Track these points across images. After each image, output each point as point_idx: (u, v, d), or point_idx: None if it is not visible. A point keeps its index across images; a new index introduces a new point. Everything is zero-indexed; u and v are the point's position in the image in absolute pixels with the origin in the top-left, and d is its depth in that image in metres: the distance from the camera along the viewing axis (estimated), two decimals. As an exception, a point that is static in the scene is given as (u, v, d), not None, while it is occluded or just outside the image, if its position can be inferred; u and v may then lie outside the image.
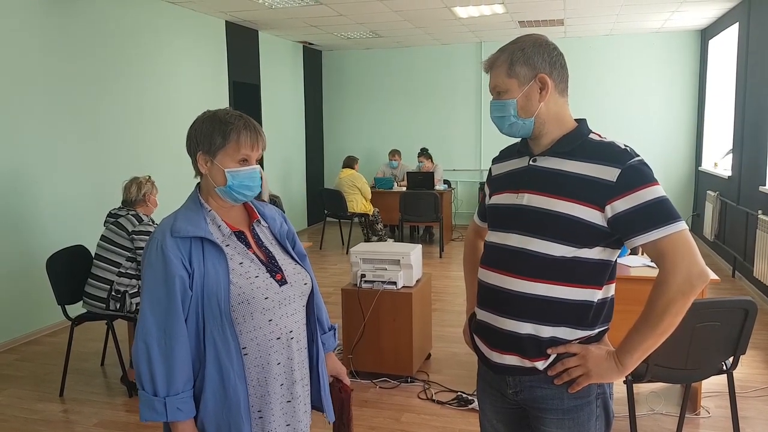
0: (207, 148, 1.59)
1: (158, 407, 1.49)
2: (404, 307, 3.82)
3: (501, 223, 1.62)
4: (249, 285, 1.57)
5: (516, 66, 1.53)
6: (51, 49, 5.03)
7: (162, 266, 1.52)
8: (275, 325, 1.60)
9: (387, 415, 3.47)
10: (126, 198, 3.84)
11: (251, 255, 1.63)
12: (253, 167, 1.63)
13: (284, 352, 1.63)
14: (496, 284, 1.59)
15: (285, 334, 1.62)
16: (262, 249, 1.69)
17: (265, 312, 1.58)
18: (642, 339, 1.46)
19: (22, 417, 3.55)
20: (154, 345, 1.50)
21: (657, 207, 1.43)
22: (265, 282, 1.60)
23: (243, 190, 1.62)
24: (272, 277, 1.63)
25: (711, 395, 3.55)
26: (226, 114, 1.62)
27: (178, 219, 1.58)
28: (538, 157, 1.58)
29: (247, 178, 1.61)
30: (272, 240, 1.74)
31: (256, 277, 1.60)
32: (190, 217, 1.59)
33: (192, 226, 1.56)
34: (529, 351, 1.54)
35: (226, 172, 1.59)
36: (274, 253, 1.69)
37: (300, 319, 1.69)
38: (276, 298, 1.61)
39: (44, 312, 4.91)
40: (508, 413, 1.71)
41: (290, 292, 1.65)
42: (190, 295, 1.53)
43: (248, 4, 6.59)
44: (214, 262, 1.55)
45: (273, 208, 1.84)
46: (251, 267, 1.61)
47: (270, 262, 1.66)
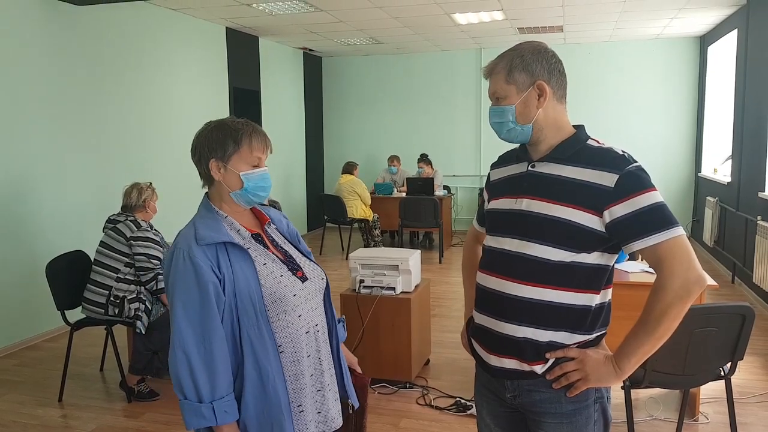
0: (221, 155, 1.63)
1: (206, 413, 1.52)
2: (403, 312, 3.82)
3: (500, 228, 1.63)
4: (277, 284, 1.63)
5: (515, 72, 1.54)
6: (53, 56, 5.06)
7: (193, 274, 1.55)
8: (304, 320, 1.67)
9: (386, 421, 3.47)
10: (126, 203, 3.85)
11: (272, 255, 1.69)
12: (264, 169, 1.69)
13: (313, 345, 1.70)
14: (494, 288, 1.59)
15: (312, 327, 1.70)
16: (279, 249, 1.74)
17: (295, 308, 1.65)
18: (640, 344, 1.47)
19: (21, 422, 3.55)
20: (193, 352, 1.52)
21: (655, 212, 1.44)
22: (290, 280, 1.67)
23: (258, 192, 1.67)
24: (294, 275, 1.69)
25: (709, 401, 3.55)
26: (232, 121, 1.67)
27: (199, 227, 1.61)
28: (537, 162, 1.59)
29: (260, 179, 1.67)
30: (284, 240, 1.81)
31: (281, 276, 1.66)
32: (209, 224, 1.63)
33: (215, 233, 1.60)
34: (528, 355, 1.55)
35: (242, 176, 1.64)
36: (290, 253, 1.76)
37: (321, 312, 1.77)
38: (302, 294, 1.67)
39: (44, 317, 4.92)
40: (506, 417, 1.71)
41: (312, 288, 1.72)
42: (223, 300, 1.57)
43: (249, 10, 6.62)
44: (241, 265, 1.60)
45: (276, 210, 1.89)
46: (275, 267, 1.66)
47: (289, 261, 1.72)
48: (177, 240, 1.63)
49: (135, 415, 3.59)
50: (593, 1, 6.38)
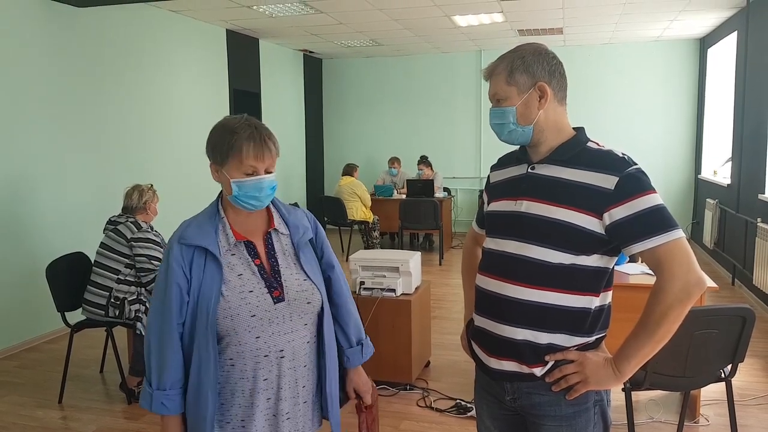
0: (216, 158, 1.61)
1: (147, 398, 1.60)
2: (403, 314, 3.82)
3: (499, 230, 1.63)
4: (239, 300, 1.58)
5: (516, 74, 1.54)
6: (53, 57, 5.06)
7: (164, 272, 1.60)
8: (263, 342, 1.59)
9: (386, 423, 3.47)
10: (126, 204, 3.85)
11: (254, 267, 1.62)
12: (260, 178, 1.59)
13: (273, 370, 1.61)
14: (493, 290, 1.59)
15: (274, 353, 1.60)
16: (271, 260, 1.66)
17: (251, 329, 1.58)
18: (640, 346, 1.47)
19: (21, 424, 3.55)
20: (153, 341, 1.60)
21: (654, 215, 1.44)
22: (257, 298, 1.59)
23: (249, 200, 1.60)
24: (269, 292, 1.61)
25: (710, 403, 3.55)
26: (236, 123, 1.60)
27: (191, 225, 1.63)
28: (537, 164, 1.59)
29: (253, 188, 1.59)
30: (288, 250, 1.70)
31: (250, 291, 1.59)
32: (202, 224, 1.63)
33: (199, 235, 1.60)
34: (527, 357, 1.55)
35: (232, 183, 1.59)
36: (281, 266, 1.66)
37: (298, 338, 1.65)
38: (266, 316, 1.59)
39: (43, 319, 4.92)
40: (506, 419, 1.71)
41: (285, 311, 1.62)
42: (186, 300, 1.58)
43: (249, 12, 6.62)
44: (212, 273, 1.58)
45: (303, 214, 1.80)
46: (249, 280, 1.61)
47: (273, 276, 1.63)
48: (174, 231, 1.67)
49: (135, 417, 3.59)
50: (593, 3, 6.39)
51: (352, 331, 1.85)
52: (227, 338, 1.58)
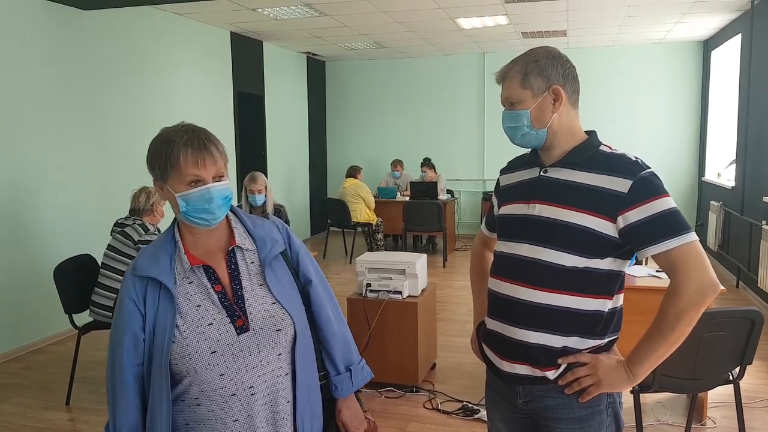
0: (157, 173, 1.45)
1: None
2: (410, 316, 3.83)
3: (512, 233, 1.63)
4: (197, 335, 1.41)
5: (530, 77, 1.54)
6: (57, 60, 5.08)
7: (117, 309, 1.46)
8: (229, 380, 1.41)
9: (393, 425, 3.47)
10: (134, 206, 3.86)
11: (213, 295, 1.45)
12: (206, 187, 1.41)
13: (243, 409, 1.43)
14: (507, 294, 1.60)
15: (242, 390, 1.42)
16: (234, 283, 1.47)
17: (213, 367, 1.40)
18: (653, 349, 1.47)
19: (29, 426, 3.55)
20: (108, 385, 1.46)
21: (668, 218, 1.45)
22: (218, 331, 1.42)
23: (200, 214, 1.43)
24: (232, 322, 1.43)
25: (717, 405, 3.55)
26: (172, 131, 1.46)
27: (144, 254, 1.48)
28: (550, 168, 1.60)
29: (200, 200, 1.41)
30: (254, 269, 1.51)
31: (209, 324, 1.42)
32: (156, 251, 1.48)
33: (152, 264, 1.44)
34: (540, 360, 1.55)
35: (178, 197, 1.42)
36: (245, 290, 1.47)
37: (270, 371, 1.45)
38: (228, 350, 1.41)
39: (48, 321, 4.93)
40: (518, 423, 1.71)
41: (251, 342, 1.43)
42: (142, 338, 1.43)
43: (253, 15, 6.64)
44: (165, 307, 1.42)
45: (272, 225, 1.61)
46: (208, 311, 1.43)
47: (236, 303, 1.45)
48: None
49: (142, 419, 3.60)
50: (597, 6, 6.40)
51: (338, 355, 1.62)
52: (188, 378, 1.41)
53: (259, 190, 4.65)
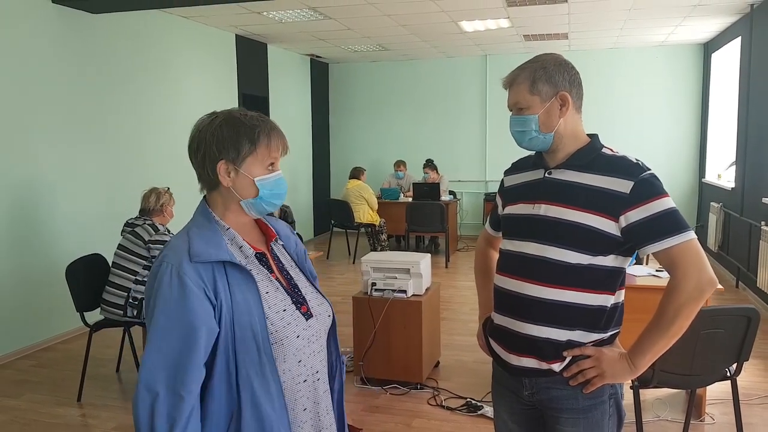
0: (233, 156, 1.36)
1: None
2: (414, 315, 3.90)
3: (517, 232, 1.71)
4: (280, 321, 1.36)
5: (538, 83, 1.62)
6: (68, 63, 5.16)
7: (180, 299, 1.26)
8: (304, 366, 1.41)
9: (398, 421, 3.55)
10: (144, 206, 3.94)
11: (275, 282, 1.42)
12: (279, 172, 1.43)
13: (311, 396, 1.43)
14: (513, 290, 1.67)
15: (311, 375, 1.43)
16: (284, 274, 1.47)
17: (296, 353, 1.38)
18: (654, 341, 1.55)
19: (42, 421, 3.63)
20: (160, 395, 1.23)
21: (668, 217, 1.53)
22: (293, 316, 1.39)
23: (274, 200, 1.42)
24: (298, 309, 1.42)
25: (715, 402, 3.62)
26: (245, 116, 1.39)
27: (195, 240, 1.33)
28: (554, 169, 1.67)
29: (276, 185, 1.42)
30: (291, 263, 1.53)
31: (284, 310, 1.38)
32: (207, 237, 1.35)
33: (213, 249, 1.32)
34: (547, 353, 1.63)
35: (257, 182, 1.38)
36: (296, 280, 1.49)
37: (324, 357, 1.49)
38: (305, 335, 1.41)
39: (58, 320, 5.01)
40: (523, 414, 1.78)
41: (316, 327, 1.45)
42: (216, 332, 1.29)
43: (258, 18, 6.72)
44: (243, 291, 1.33)
45: (284, 224, 1.62)
46: (278, 298, 1.39)
47: (294, 291, 1.45)
48: (165, 252, 1.33)
49: (153, 415, 3.67)
50: (598, 9, 6.47)
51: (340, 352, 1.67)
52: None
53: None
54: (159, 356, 1.25)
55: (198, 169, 1.41)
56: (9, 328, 4.67)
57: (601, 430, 1.66)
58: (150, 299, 1.30)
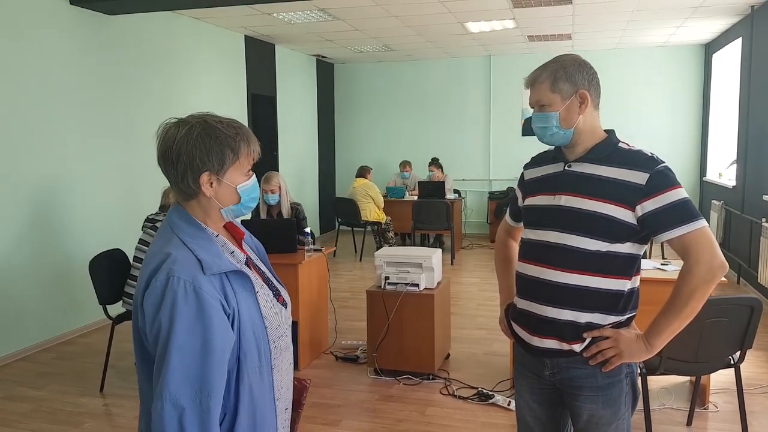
0: (218, 168, 1.38)
1: None
2: (426, 308, 4.02)
3: (539, 222, 1.83)
4: (275, 316, 1.43)
5: (559, 82, 1.74)
6: (85, 63, 5.29)
7: (199, 313, 1.27)
8: (278, 353, 1.47)
9: (412, 409, 3.67)
10: (164, 203, 4.06)
11: (260, 281, 1.47)
12: (253, 176, 1.47)
13: (284, 380, 1.51)
14: (536, 276, 1.79)
15: (286, 365, 1.51)
16: (258, 270, 1.52)
17: (288, 347, 1.50)
18: (669, 322, 1.67)
19: (67, 410, 3.75)
20: (188, 409, 1.24)
21: (682, 207, 1.65)
22: (277, 310, 1.47)
23: (251, 203, 1.46)
24: (277, 300, 1.50)
25: (718, 391, 3.75)
26: (220, 123, 1.40)
27: (200, 252, 1.33)
28: (573, 163, 1.79)
29: (253, 189, 1.45)
30: (256, 258, 1.58)
31: (273, 305, 1.46)
32: (207, 247, 1.35)
33: (218, 259, 1.34)
34: (568, 335, 1.75)
35: (239, 189, 1.41)
36: (266, 273, 1.55)
37: (290, 341, 1.56)
38: (284, 325, 1.48)
39: (76, 314, 5.14)
40: (544, 393, 1.91)
41: (287, 316, 1.53)
42: (233, 339, 1.32)
43: (268, 19, 6.84)
44: (245, 297, 1.37)
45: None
46: (267, 295, 1.46)
47: (269, 284, 1.51)
48: (170, 267, 1.28)
49: (175, 404, 3.79)
50: (603, 11, 6.59)
51: None
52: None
53: (272, 190, 4.82)
54: (182, 372, 1.24)
55: (175, 179, 1.39)
56: (30, 322, 4.80)
57: (618, 406, 1.78)
58: (161, 316, 1.26)
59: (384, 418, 3.55)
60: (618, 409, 1.78)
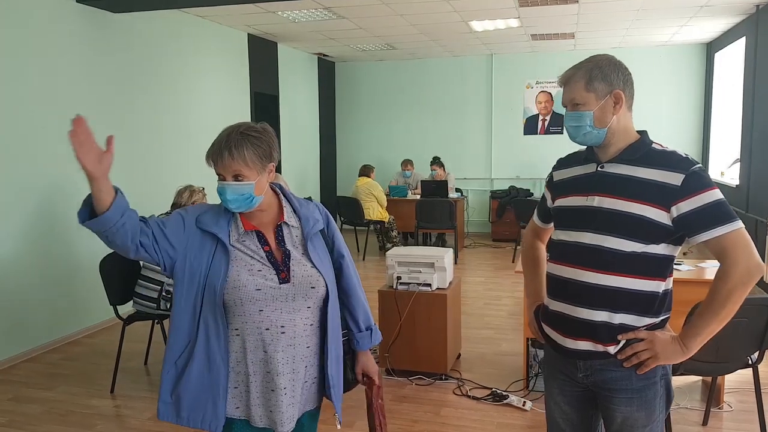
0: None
1: None
2: (439, 307, 4.01)
3: (571, 223, 1.81)
4: (247, 275, 1.75)
5: (594, 82, 1.73)
6: (87, 60, 5.24)
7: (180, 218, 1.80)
8: (266, 316, 1.75)
9: (426, 410, 3.66)
10: (176, 201, 4.04)
11: (262, 252, 1.79)
12: (222, 183, 1.74)
13: (271, 344, 1.76)
14: (570, 277, 1.78)
15: (275, 328, 1.76)
16: (281, 248, 1.82)
17: (255, 302, 1.75)
18: (706, 324, 1.66)
19: (78, 412, 3.72)
20: None
21: (717, 208, 1.64)
22: (264, 276, 1.76)
23: (225, 203, 1.78)
24: (276, 274, 1.78)
25: (732, 391, 3.75)
26: (219, 136, 1.77)
27: (207, 212, 1.81)
28: (606, 163, 1.78)
29: (220, 192, 1.76)
30: (298, 242, 1.86)
31: (258, 270, 1.77)
32: (216, 213, 1.81)
33: (213, 223, 1.78)
34: (602, 337, 1.73)
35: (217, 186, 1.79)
36: (291, 254, 1.82)
37: (300, 318, 1.80)
38: (270, 293, 1.76)
39: (82, 315, 5.11)
40: (574, 395, 1.89)
41: (290, 291, 1.78)
42: (157, 237, 1.73)
43: (272, 17, 6.81)
44: (220, 257, 1.75)
45: (315, 207, 1.96)
46: (257, 263, 1.78)
47: (282, 262, 1.80)
48: (188, 207, 1.88)
49: (187, 405, 3.77)
50: (608, 9, 6.59)
51: (361, 317, 2.01)
52: (233, 309, 1.75)
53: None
54: None
55: None
56: (36, 323, 4.76)
57: (653, 408, 1.77)
58: None
59: (399, 418, 3.54)
60: (653, 411, 1.77)
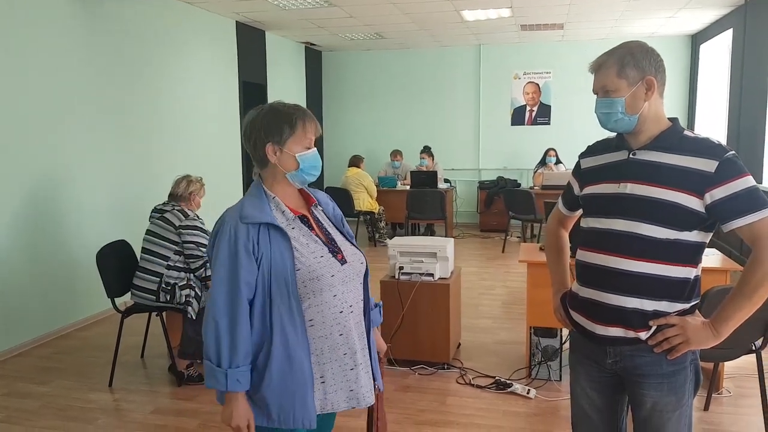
0: (277, 139, 1.76)
1: (221, 378, 1.68)
2: (442, 297, 4.00)
3: (602, 210, 1.81)
4: (317, 264, 1.75)
5: (627, 68, 1.73)
6: (75, 49, 5.11)
7: (229, 254, 1.69)
8: (339, 300, 1.79)
9: (431, 399, 3.66)
10: (173, 191, 3.96)
11: (314, 237, 1.81)
12: (315, 150, 1.83)
13: (346, 324, 1.80)
14: (601, 264, 1.77)
15: (347, 308, 1.81)
16: (323, 231, 1.86)
17: (331, 288, 1.77)
18: (737, 309, 1.68)
19: (77, 406, 3.64)
20: (222, 321, 1.68)
21: (751, 195, 1.65)
22: (329, 261, 1.78)
23: (312, 171, 1.82)
24: (334, 256, 1.81)
25: (731, 377, 3.81)
26: (284, 106, 1.80)
27: (246, 206, 1.75)
28: (638, 150, 1.78)
29: (313, 159, 1.81)
30: (329, 223, 1.91)
31: (321, 257, 1.78)
32: (256, 204, 1.76)
33: (259, 212, 1.73)
34: (634, 323, 1.74)
35: (297, 157, 1.78)
36: (333, 235, 1.87)
37: (358, 295, 1.87)
38: (339, 275, 1.79)
39: (72, 308, 5.01)
40: (601, 381, 1.90)
41: (350, 271, 1.83)
42: (256, 274, 1.70)
43: (262, 4, 6.70)
44: (280, 246, 1.72)
45: (324, 194, 2.01)
46: (316, 247, 1.79)
47: (331, 243, 1.84)
48: (225, 215, 1.77)
49: (189, 398, 3.72)
50: (598, 1, 6.61)
51: (370, 295, 2.04)
52: (308, 300, 1.74)
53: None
54: (220, 290, 1.69)
55: (251, 151, 1.82)
56: (25, 317, 4.64)
57: (683, 393, 1.78)
58: (212, 251, 1.75)
59: (405, 408, 3.54)
60: (682, 395, 1.78)
